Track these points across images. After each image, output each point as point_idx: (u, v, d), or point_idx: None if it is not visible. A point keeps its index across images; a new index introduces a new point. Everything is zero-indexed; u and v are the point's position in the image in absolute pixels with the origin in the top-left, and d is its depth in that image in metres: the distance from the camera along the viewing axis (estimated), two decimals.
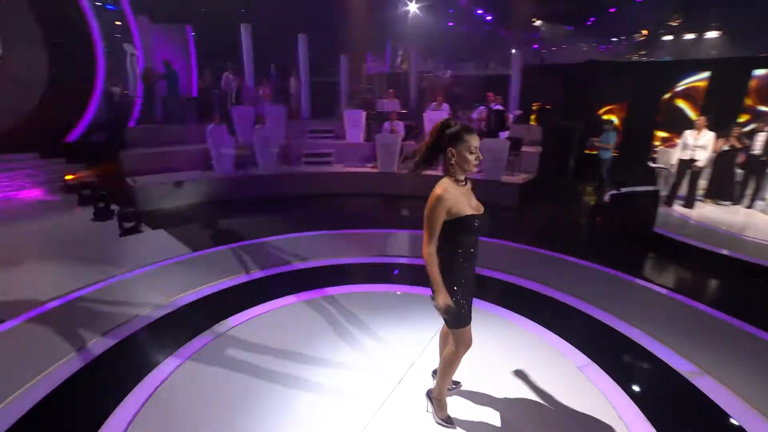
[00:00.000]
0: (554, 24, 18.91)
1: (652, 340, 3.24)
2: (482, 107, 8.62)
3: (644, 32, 18.14)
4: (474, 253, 2.09)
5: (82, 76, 9.52)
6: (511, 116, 9.07)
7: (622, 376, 2.79)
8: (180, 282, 4.15)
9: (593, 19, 18.66)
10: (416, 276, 4.28)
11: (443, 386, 2.33)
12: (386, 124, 9.34)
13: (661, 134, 11.05)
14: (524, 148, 9.02)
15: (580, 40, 19.20)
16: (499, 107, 8.34)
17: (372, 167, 9.24)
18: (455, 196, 1.94)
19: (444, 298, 1.95)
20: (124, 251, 5.13)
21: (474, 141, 1.95)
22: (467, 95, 11.30)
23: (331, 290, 4.01)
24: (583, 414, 2.46)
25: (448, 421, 2.34)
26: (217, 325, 3.36)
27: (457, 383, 2.65)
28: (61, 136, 9.22)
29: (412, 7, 16.01)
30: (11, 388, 2.62)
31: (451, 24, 20.52)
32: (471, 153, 1.95)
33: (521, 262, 4.80)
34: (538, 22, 18.99)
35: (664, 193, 7.52)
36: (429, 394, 2.48)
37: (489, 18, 20.23)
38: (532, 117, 11.23)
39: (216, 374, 2.79)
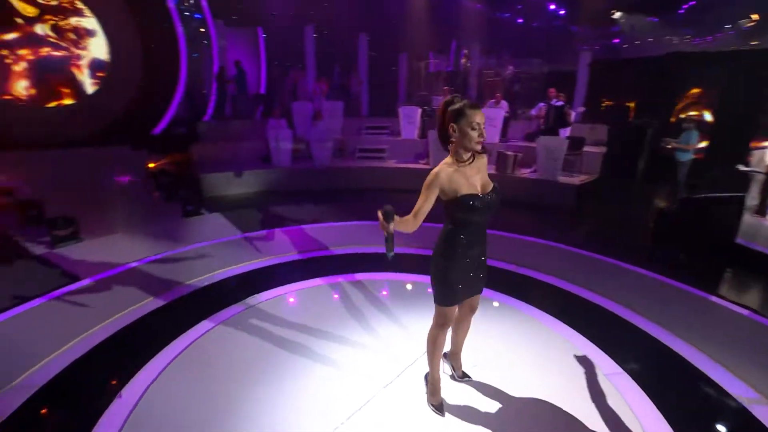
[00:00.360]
0: (636, 15, 17.33)
1: (707, 360, 2.84)
2: (542, 104, 8.19)
3: (754, 17, 15.71)
4: (478, 236, 2.03)
5: (169, 77, 10.64)
6: (573, 114, 8.50)
7: (658, 392, 2.51)
8: (225, 258, 4.49)
9: (685, 7, 16.79)
10: None
11: (433, 368, 2.30)
12: None
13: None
14: (586, 148, 8.43)
15: (669, 32, 17.34)
16: (560, 103, 7.86)
17: (424, 163, 9.21)
18: (451, 176, 1.90)
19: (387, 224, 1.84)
20: (184, 230, 5.66)
21: (476, 117, 1.88)
22: (530, 92, 10.80)
23: (360, 276, 4.09)
24: (599, 420, 2.26)
25: (439, 408, 2.29)
26: (250, 298, 3.60)
27: (467, 376, 2.57)
28: (148, 130, 10.37)
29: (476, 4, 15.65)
30: (91, 324, 3.11)
31: (521, 20, 19.78)
32: (473, 129, 1.88)
33: (573, 266, 4.42)
34: (617, 14, 17.56)
35: (754, 202, 6.57)
36: (426, 378, 2.44)
37: (562, 12, 19.17)
38: (600, 115, 10.42)
39: (240, 340, 3.00)
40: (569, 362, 2.77)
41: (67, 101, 9.45)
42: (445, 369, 2.60)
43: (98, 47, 9.68)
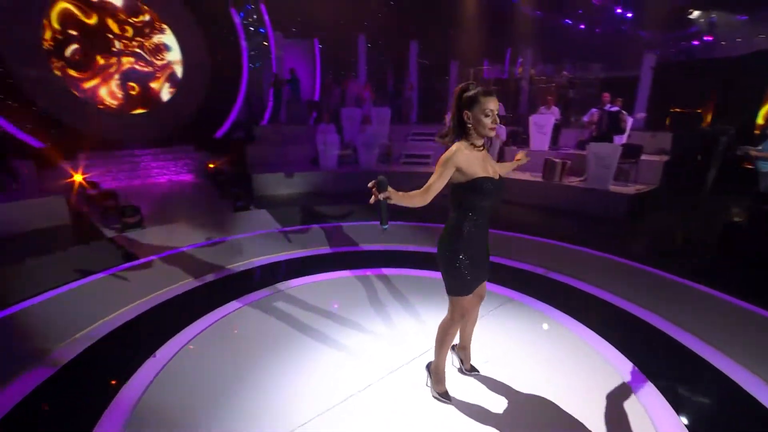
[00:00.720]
0: (721, 13, 15.82)
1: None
2: (594, 109, 7.77)
3: None
4: (483, 223, 2.04)
5: (231, 86, 11.56)
6: (629, 120, 7.97)
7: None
8: (263, 248, 4.81)
9: None
10: None
11: (440, 358, 2.28)
12: None
13: None
14: (645, 157, 7.87)
15: (761, 31, 15.56)
16: (615, 109, 7.41)
17: None
18: (468, 158, 1.92)
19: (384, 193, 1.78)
20: (232, 222, 6.11)
21: (490, 104, 1.90)
22: (586, 99, 10.30)
23: (388, 270, 4.17)
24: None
25: (445, 396, 2.28)
26: (279, 284, 3.82)
27: (475, 369, 2.54)
28: (211, 133, 11.30)
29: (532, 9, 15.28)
30: (141, 295, 3.51)
31: (582, 26, 18.96)
32: (486, 116, 1.90)
33: (621, 279, 4.02)
34: (695, 14, 16.20)
35: None
36: (428, 367, 2.44)
37: (629, 15, 18.11)
38: (666, 121, 9.65)
39: (262, 320, 3.21)
40: (595, 373, 2.63)
41: (147, 108, 10.59)
42: (453, 362, 2.60)
43: (173, 59, 10.77)
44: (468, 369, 2.53)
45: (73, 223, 6.05)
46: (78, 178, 7.75)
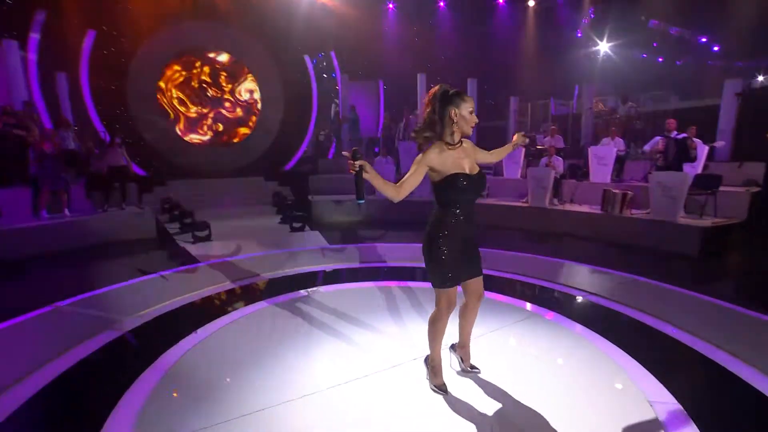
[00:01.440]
0: None
1: None
2: (658, 137, 7.27)
3: None
4: (466, 216, 2.13)
5: (301, 124, 12.76)
6: (704, 147, 7.31)
7: None
8: (305, 261, 5.24)
9: None
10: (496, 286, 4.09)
11: (434, 350, 2.33)
12: (543, 159, 8.96)
13: None
14: (726, 188, 7.10)
15: None
16: (683, 136, 6.87)
17: (524, 202, 8.92)
18: (441, 157, 2.08)
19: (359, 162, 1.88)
20: (287, 240, 6.68)
21: (471, 103, 2.09)
22: (656, 130, 9.67)
23: (413, 284, 4.28)
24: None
25: (441, 388, 2.29)
26: (311, 288, 4.12)
27: (475, 368, 2.52)
28: (282, 166, 12.45)
29: (603, 47, 14.96)
30: (190, 290, 3.99)
31: (661, 59, 18.03)
32: (470, 113, 2.08)
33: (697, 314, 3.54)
34: None
35: None
36: (426, 361, 2.46)
37: (716, 49, 16.90)
38: (754, 150, 8.62)
39: (283, 316, 3.51)
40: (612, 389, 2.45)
41: (229, 144, 12.08)
42: (452, 363, 2.59)
43: (255, 101, 12.27)
44: (468, 368, 2.51)
45: (158, 234, 7.06)
46: (166, 200, 9.01)
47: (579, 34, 16.33)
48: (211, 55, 11.55)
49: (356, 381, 2.48)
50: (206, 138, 11.78)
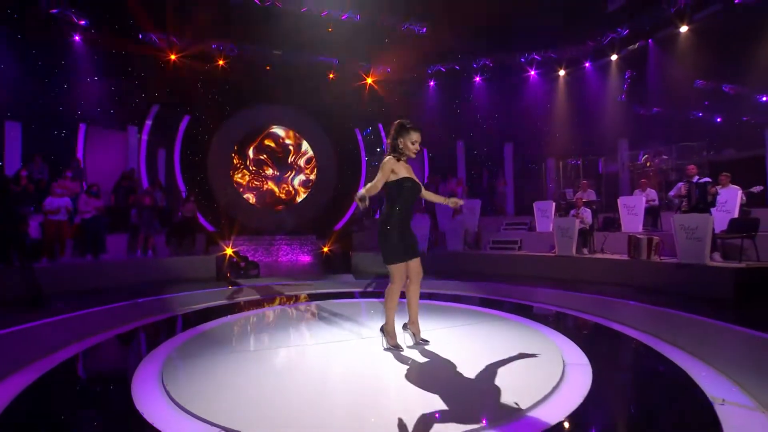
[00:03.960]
0: None
1: None
2: (681, 183, 7.33)
3: None
4: (407, 212, 2.92)
5: (351, 188, 14.21)
6: (737, 193, 7.18)
7: None
8: (333, 287, 6.06)
9: None
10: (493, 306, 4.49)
11: (389, 317, 2.96)
12: (572, 211, 9.22)
13: None
14: (764, 232, 6.84)
15: None
16: (705, 180, 6.89)
17: (552, 252, 9.07)
18: (397, 165, 2.89)
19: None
20: (323, 282, 7.59)
21: (415, 135, 2.93)
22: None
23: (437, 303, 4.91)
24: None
25: (396, 346, 2.89)
26: (324, 301, 4.93)
27: (425, 341, 3.08)
28: (332, 225, 13.76)
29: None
30: (231, 312, 4.93)
31: (719, 119, 17.62)
32: (412, 143, 2.91)
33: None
34: None
35: None
36: (381, 329, 3.07)
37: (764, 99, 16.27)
38: None
39: (299, 317, 4.31)
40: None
41: (287, 205, 13.78)
42: (406, 340, 3.13)
43: (309, 166, 14.09)
44: (419, 341, 3.08)
45: (217, 274, 8.33)
46: (229, 251, 10.49)
47: (622, 97, 16.77)
48: (275, 130, 13.78)
49: (332, 343, 3.26)
50: (268, 201, 13.59)
